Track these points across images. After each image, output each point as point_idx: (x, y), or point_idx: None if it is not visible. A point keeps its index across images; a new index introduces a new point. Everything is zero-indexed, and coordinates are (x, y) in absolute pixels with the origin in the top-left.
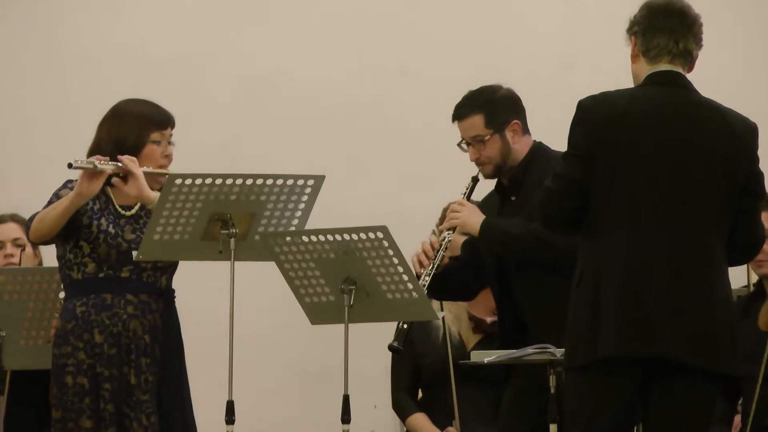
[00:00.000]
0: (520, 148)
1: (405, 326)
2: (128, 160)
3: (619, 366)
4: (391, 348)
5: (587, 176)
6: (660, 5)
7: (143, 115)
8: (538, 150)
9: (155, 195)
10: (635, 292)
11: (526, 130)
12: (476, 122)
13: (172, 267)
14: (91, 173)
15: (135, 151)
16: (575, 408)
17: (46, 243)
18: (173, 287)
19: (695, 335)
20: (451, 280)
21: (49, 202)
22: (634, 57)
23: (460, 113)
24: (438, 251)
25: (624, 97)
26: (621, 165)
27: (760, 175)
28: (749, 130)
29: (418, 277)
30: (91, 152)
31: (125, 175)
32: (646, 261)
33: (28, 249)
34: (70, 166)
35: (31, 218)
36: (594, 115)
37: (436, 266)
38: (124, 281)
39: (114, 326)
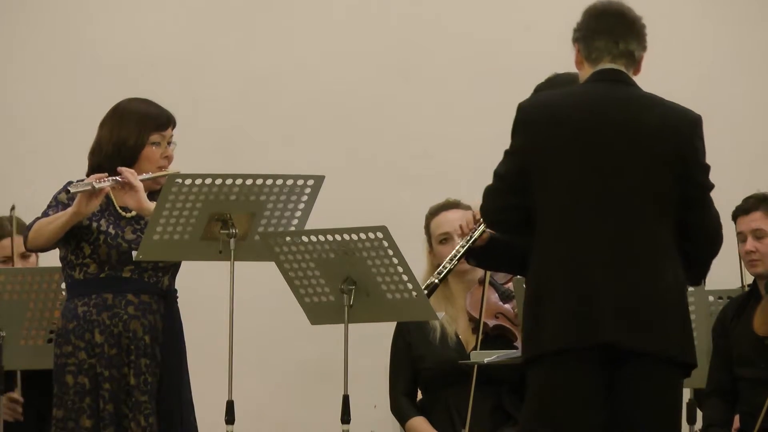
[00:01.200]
0: None
1: (437, 281)
2: (128, 173)
3: (569, 359)
4: None
5: (524, 175)
6: (598, 8)
7: (143, 117)
8: None
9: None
10: (577, 284)
11: None
12: None
13: (174, 267)
14: (90, 192)
15: (134, 152)
16: (530, 403)
17: (42, 251)
18: (175, 287)
19: (640, 322)
20: (514, 253)
21: (48, 206)
22: (578, 64)
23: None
24: (479, 224)
25: (563, 96)
26: (560, 163)
27: (705, 167)
28: (690, 122)
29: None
30: (92, 152)
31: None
32: (588, 254)
33: (32, 258)
34: (68, 192)
35: (29, 227)
36: (532, 117)
37: (474, 239)
38: (125, 281)
39: (114, 326)
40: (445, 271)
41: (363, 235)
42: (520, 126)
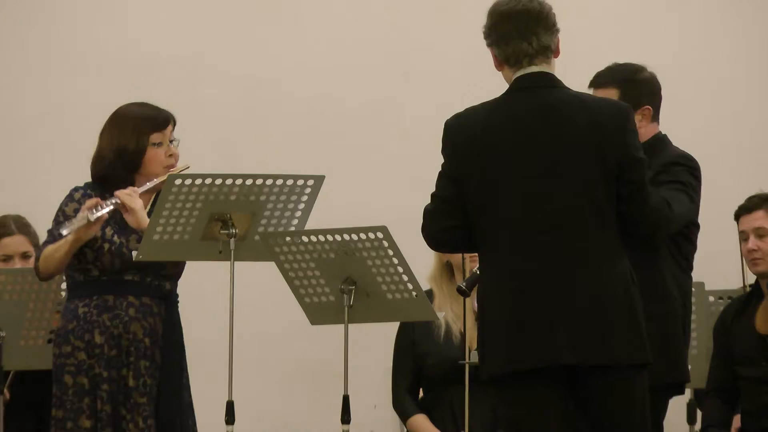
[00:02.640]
0: (645, 133)
1: (477, 271)
2: (125, 195)
3: (520, 380)
4: (459, 290)
5: (458, 195)
6: (502, 12)
7: (140, 120)
8: (659, 141)
9: None
10: (518, 305)
11: (655, 118)
12: (610, 95)
13: (177, 274)
14: (87, 225)
15: (137, 156)
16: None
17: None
18: (177, 293)
19: (588, 335)
20: None
21: (55, 218)
22: (498, 66)
23: (597, 81)
24: None
25: (486, 110)
26: (492, 180)
27: (638, 160)
28: (617, 117)
29: None
30: (95, 162)
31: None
32: (528, 271)
33: (33, 258)
34: (60, 236)
35: (38, 256)
36: (455, 136)
37: None
38: (126, 283)
39: (115, 328)
40: None
41: (363, 235)
42: (448, 146)
